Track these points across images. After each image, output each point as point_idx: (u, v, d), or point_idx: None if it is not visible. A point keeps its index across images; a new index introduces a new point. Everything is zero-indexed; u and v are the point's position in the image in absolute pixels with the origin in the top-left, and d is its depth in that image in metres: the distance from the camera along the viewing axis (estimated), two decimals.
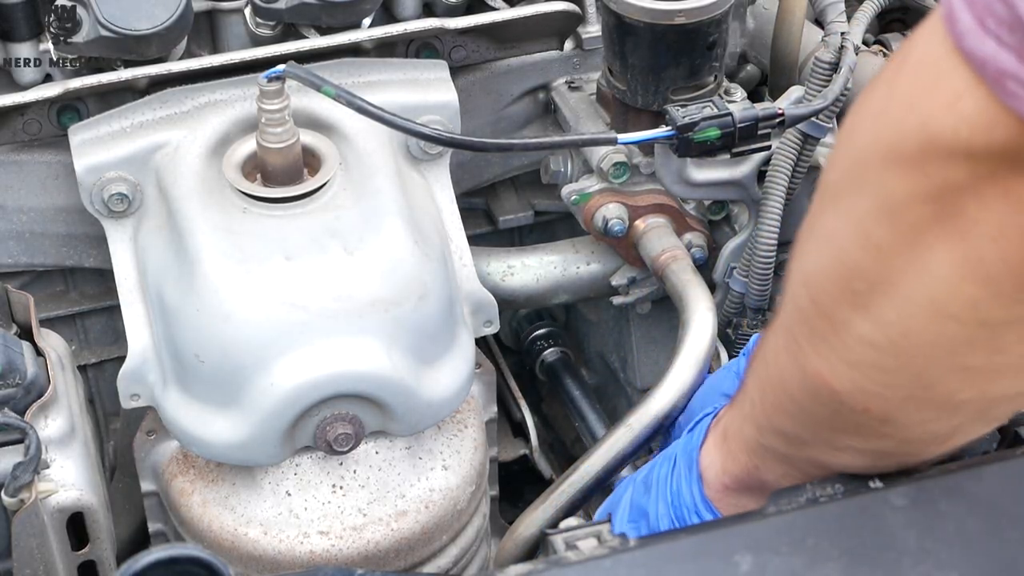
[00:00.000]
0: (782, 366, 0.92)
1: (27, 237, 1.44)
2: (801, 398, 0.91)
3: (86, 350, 1.57)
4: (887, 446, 0.91)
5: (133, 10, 1.33)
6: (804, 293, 0.87)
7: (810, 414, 0.91)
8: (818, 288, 0.85)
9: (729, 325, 1.48)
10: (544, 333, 1.78)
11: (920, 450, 0.92)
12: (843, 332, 0.84)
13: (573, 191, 1.48)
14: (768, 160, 1.40)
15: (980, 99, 0.70)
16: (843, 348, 0.84)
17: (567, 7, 1.47)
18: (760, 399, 0.97)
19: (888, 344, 0.82)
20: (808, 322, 0.87)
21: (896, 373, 0.84)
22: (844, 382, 0.86)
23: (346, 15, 1.41)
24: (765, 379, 0.96)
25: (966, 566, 0.88)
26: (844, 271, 0.83)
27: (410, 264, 1.25)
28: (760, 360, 0.97)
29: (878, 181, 0.78)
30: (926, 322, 0.80)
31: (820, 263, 0.85)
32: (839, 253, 0.83)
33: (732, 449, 1.03)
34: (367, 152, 1.31)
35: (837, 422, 0.90)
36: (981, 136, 0.71)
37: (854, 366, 0.85)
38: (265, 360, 1.22)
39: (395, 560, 1.31)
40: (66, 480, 1.23)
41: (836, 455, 0.93)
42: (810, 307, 0.86)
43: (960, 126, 0.72)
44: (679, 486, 1.08)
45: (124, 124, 1.33)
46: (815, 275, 0.86)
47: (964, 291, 0.77)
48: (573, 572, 0.89)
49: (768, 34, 1.55)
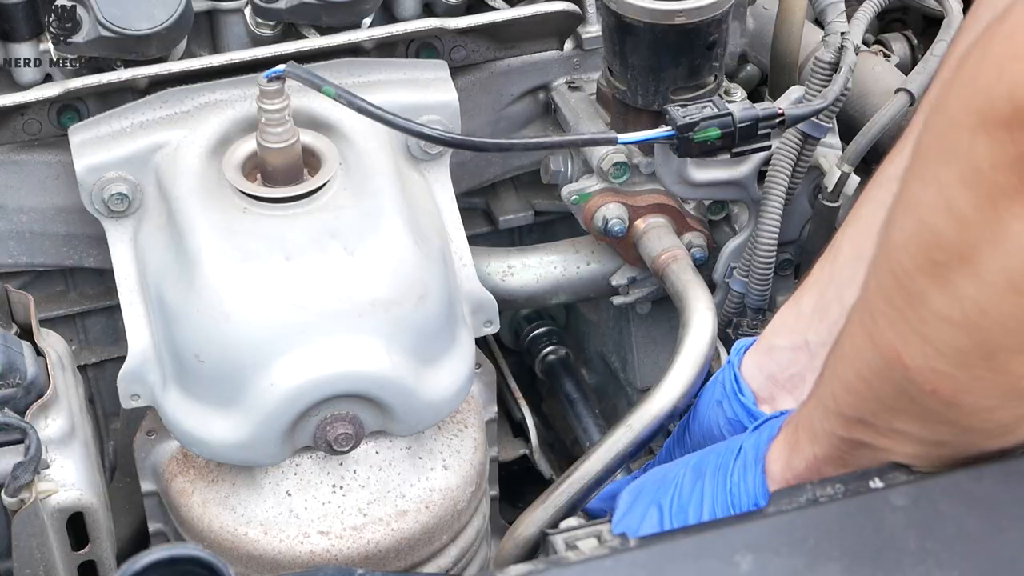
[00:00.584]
0: (856, 343, 0.92)
1: (27, 237, 1.44)
2: (870, 375, 0.91)
3: (86, 350, 1.57)
4: (946, 435, 0.90)
5: (133, 10, 1.33)
6: (885, 266, 0.87)
7: (877, 393, 0.91)
8: (898, 259, 0.85)
9: (729, 325, 1.48)
10: (544, 333, 1.78)
11: (978, 441, 0.91)
12: (920, 306, 0.84)
13: (573, 191, 1.48)
14: (768, 160, 1.40)
15: None
16: (919, 322, 0.84)
17: (567, 7, 1.47)
18: (830, 380, 0.97)
19: (964, 320, 0.82)
20: (886, 295, 0.87)
21: (969, 353, 0.84)
22: (916, 358, 0.86)
23: (346, 15, 1.41)
24: (838, 358, 0.96)
25: (966, 566, 0.88)
26: (925, 240, 0.83)
27: (410, 264, 1.25)
28: (836, 341, 0.97)
29: (967, 148, 0.78)
30: (1002, 298, 0.80)
31: (903, 233, 0.85)
32: (921, 222, 0.83)
33: (800, 440, 1.03)
34: (367, 152, 1.31)
35: (902, 403, 0.89)
36: None
37: (929, 342, 0.85)
38: (265, 360, 1.22)
39: (395, 560, 1.31)
40: (66, 480, 1.23)
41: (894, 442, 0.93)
42: (889, 279, 0.86)
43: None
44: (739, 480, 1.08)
45: (124, 124, 1.33)
46: (897, 245, 0.86)
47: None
48: (573, 572, 0.89)
49: (768, 34, 1.55)
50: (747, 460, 1.08)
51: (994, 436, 0.91)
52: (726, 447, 1.12)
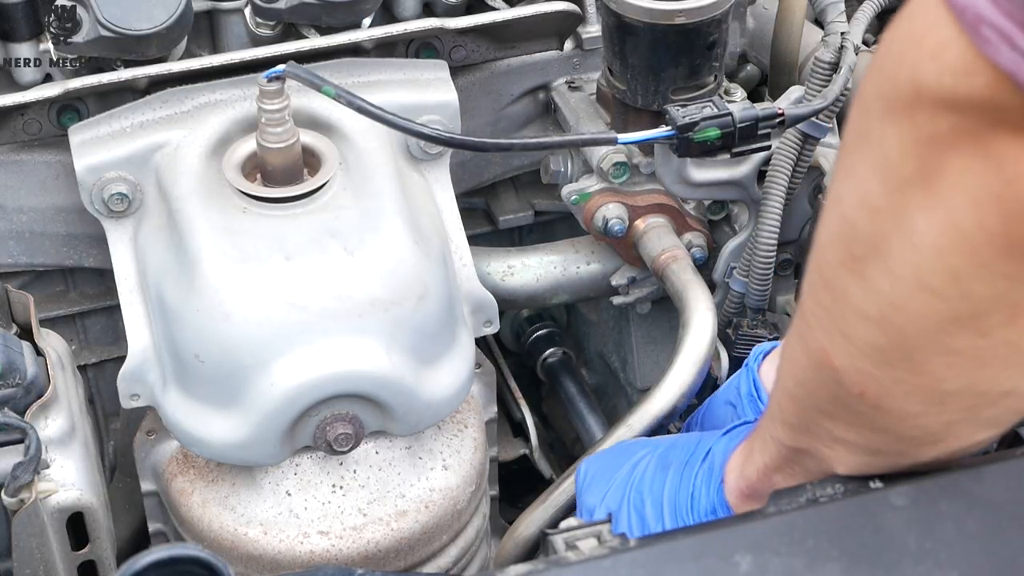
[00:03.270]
0: (793, 348, 0.92)
1: (27, 237, 1.44)
2: (806, 380, 0.91)
3: (86, 350, 1.57)
4: (880, 443, 0.90)
5: (133, 10, 1.33)
6: (813, 263, 0.87)
7: (813, 397, 0.91)
8: (823, 255, 0.85)
9: (729, 325, 1.48)
10: (545, 334, 1.78)
11: (912, 450, 0.91)
12: (842, 302, 0.84)
13: (573, 191, 1.48)
14: (768, 160, 1.40)
15: (962, 47, 0.71)
16: (842, 320, 0.84)
17: (567, 7, 1.47)
18: (776, 388, 0.98)
19: (880, 317, 0.82)
20: (815, 294, 0.87)
21: (887, 352, 0.83)
22: (842, 358, 0.86)
23: (346, 15, 1.41)
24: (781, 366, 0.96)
25: (966, 566, 0.88)
26: (845, 233, 0.83)
27: (410, 264, 1.25)
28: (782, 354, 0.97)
29: (878, 135, 0.78)
30: (911, 294, 0.79)
31: (827, 229, 0.85)
32: (842, 215, 0.83)
33: (753, 449, 1.03)
34: (367, 152, 1.31)
35: (836, 408, 0.89)
36: (963, 85, 0.71)
37: (851, 340, 0.84)
38: (265, 360, 1.22)
39: (395, 560, 1.31)
40: (66, 480, 1.24)
41: (834, 451, 0.93)
42: (816, 277, 0.86)
43: (944, 74, 0.72)
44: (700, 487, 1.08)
45: (124, 124, 1.33)
46: (823, 241, 0.86)
47: (946, 262, 0.77)
48: (573, 572, 0.89)
49: (768, 34, 1.55)
50: (713, 465, 1.09)
51: (924, 445, 0.90)
52: (696, 444, 1.12)
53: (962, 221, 0.75)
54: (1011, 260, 0.75)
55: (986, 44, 0.69)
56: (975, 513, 0.91)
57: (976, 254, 0.76)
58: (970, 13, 0.69)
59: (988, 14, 0.69)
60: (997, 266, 0.76)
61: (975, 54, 0.70)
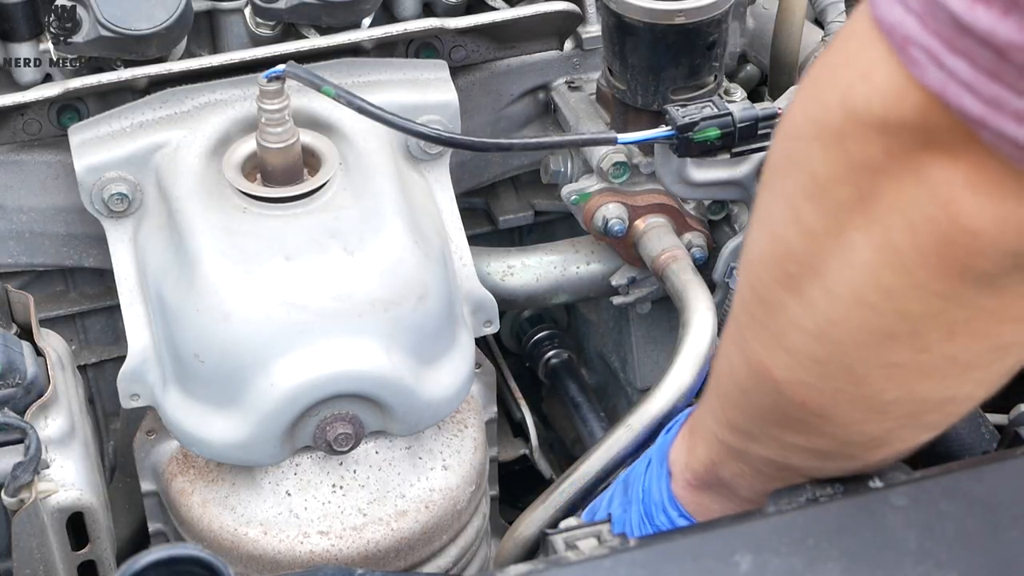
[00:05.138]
0: (730, 356, 0.92)
1: (27, 237, 1.44)
2: (747, 388, 0.91)
3: (86, 350, 1.57)
4: (828, 446, 0.90)
5: (133, 10, 1.33)
6: (745, 280, 0.87)
7: (756, 406, 0.91)
8: (756, 272, 0.85)
9: None
10: (546, 336, 1.77)
11: (858, 453, 0.91)
12: (780, 317, 0.83)
13: (573, 191, 1.48)
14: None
15: (892, 69, 0.70)
16: (780, 334, 0.84)
17: (567, 7, 1.47)
18: (715, 391, 0.97)
19: (817, 332, 0.81)
20: (749, 309, 0.87)
21: (827, 364, 0.83)
22: (782, 370, 0.85)
23: (346, 15, 1.41)
24: (718, 371, 0.96)
25: (966, 566, 0.88)
26: (778, 253, 0.82)
27: (410, 264, 1.25)
28: (716, 356, 0.97)
29: (806, 158, 0.77)
30: (848, 311, 0.79)
31: (758, 247, 0.85)
32: (774, 235, 0.82)
33: (695, 444, 1.03)
34: (367, 152, 1.31)
35: (779, 416, 0.89)
36: (893, 108, 0.70)
37: (790, 353, 0.84)
38: (265, 360, 1.22)
39: (395, 560, 1.31)
40: (66, 480, 1.24)
41: (783, 453, 0.93)
42: (750, 293, 0.86)
43: (873, 97, 0.71)
44: (650, 483, 1.08)
45: (124, 124, 1.33)
46: (754, 259, 0.85)
47: (881, 280, 0.76)
48: (573, 572, 0.89)
49: (768, 34, 1.55)
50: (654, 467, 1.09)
51: (870, 448, 0.90)
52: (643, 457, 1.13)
53: (898, 243, 0.74)
54: (947, 281, 0.75)
55: (914, 65, 0.68)
56: (975, 513, 0.91)
57: (911, 275, 0.75)
58: (898, 33, 0.68)
59: (915, 34, 0.67)
60: (933, 286, 0.75)
61: (904, 75, 0.69)
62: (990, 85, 0.66)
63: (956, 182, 0.71)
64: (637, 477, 1.11)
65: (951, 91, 0.68)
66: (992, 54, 0.65)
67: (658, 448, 1.10)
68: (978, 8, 0.64)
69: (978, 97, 0.67)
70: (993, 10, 0.64)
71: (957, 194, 0.71)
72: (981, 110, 0.67)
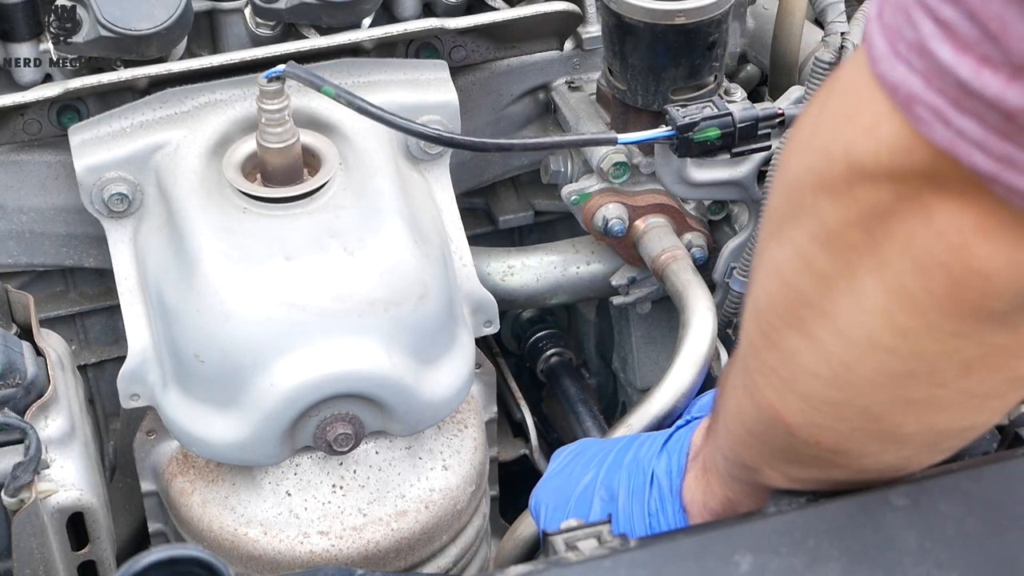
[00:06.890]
0: (739, 400, 0.92)
1: (27, 237, 1.44)
2: (758, 431, 0.91)
3: (86, 350, 1.57)
4: (844, 475, 0.91)
5: (133, 10, 1.33)
6: (755, 326, 0.86)
7: (768, 447, 0.91)
8: (766, 319, 0.85)
9: (729, 325, 1.48)
10: (546, 336, 1.77)
11: (876, 478, 0.91)
12: (791, 363, 0.83)
13: (573, 191, 1.48)
14: (768, 160, 1.40)
15: (897, 124, 0.69)
16: (792, 380, 0.84)
17: (567, 7, 1.47)
18: (724, 432, 0.97)
19: (832, 376, 0.81)
20: (759, 355, 0.87)
21: (843, 406, 0.83)
22: (795, 415, 0.85)
23: (346, 15, 1.40)
24: (726, 413, 0.96)
25: (966, 566, 0.88)
26: (790, 299, 0.82)
27: (410, 264, 1.25)
28: (723, 394, 0.97)
29: (813, 208, 0.77)
30: (864, 354, 0.79)
31: (768, 293, 0.85)
32: (784, 282, 0.82)
33: (710, 482, 1.04)
34: (367, 152, 1.31)
35: (793, 455, 0.90)
36: (901, 160, 0.70)
37: (803, 398, 0.84)
38: (265, 360, 1.22)
39: (395, 560, 1.31)
40: (66, 480, 1.24)
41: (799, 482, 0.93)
42: (760, 339, 0.86)
43: (880, 151, 0.71)
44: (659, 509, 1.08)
45: (124, 124, 1.33)
46: (764, 306, 0.85)
47: (896, 322, 0.76)
48: (573, 572, 0.89)
49: (768, 34, 1.55)
50: (663, 491, 1.09)
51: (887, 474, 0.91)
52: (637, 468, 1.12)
53: (909, 285, 0.74)
54: (961, 321, 0.74)
55: (920, 123, 0.68)
56: (975, 513, 0.91)
57: (925, 316, 0.75)
58: (902, 92, 0.68)
59: (920, 93, 0.67)
60: (947, 327, 0.75)
61: (910, 132, 0.69)
62: (1001, 144, 0.66)
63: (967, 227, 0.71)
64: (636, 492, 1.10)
65: (961, 148, 0.67)
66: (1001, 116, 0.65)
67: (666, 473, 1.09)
68: (985, 73, 0.64)
69: (989, 155, 0.67)
70: (1000, 75, 0.64)
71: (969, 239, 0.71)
72: (993, 167, 0.67)
